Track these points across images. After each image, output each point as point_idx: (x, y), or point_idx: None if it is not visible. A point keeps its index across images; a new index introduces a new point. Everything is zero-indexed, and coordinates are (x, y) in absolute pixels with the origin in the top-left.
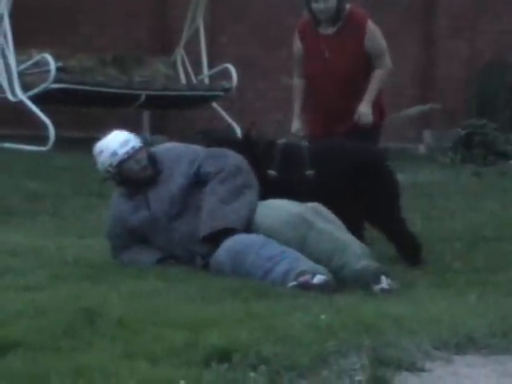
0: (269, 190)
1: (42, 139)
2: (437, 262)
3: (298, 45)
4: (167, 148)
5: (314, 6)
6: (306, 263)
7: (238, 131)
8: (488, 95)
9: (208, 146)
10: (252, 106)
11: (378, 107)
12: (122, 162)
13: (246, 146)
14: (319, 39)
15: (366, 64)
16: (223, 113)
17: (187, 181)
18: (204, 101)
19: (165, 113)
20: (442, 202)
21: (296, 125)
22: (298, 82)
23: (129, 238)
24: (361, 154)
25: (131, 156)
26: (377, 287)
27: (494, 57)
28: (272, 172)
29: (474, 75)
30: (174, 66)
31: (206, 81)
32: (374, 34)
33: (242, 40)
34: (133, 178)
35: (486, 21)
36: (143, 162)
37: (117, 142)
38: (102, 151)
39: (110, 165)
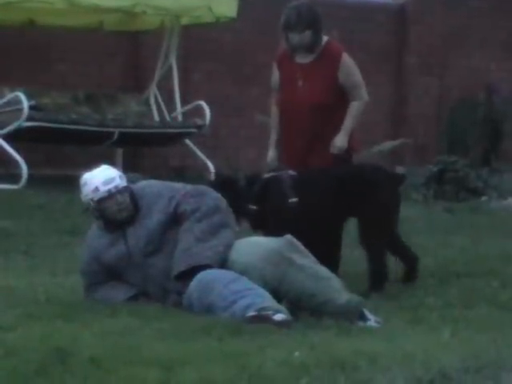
0: (254, 224)
1: (14, 177)
2: (410, 298)
3: (275, 74)
4: (147, 185)
5: (290, 36)
6: (270, 301)
7: (211, 168)
8: (459, 132)
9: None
10: (225, 143)
11: (349, 143)
12: (101, 200)
13: (225, 185)
14: (295, 68)
15: (340, 95)
16: (196, 150)
17: (165, 218)
18: (177, 138)
19: (138, 150)
20: (414, 238)
21: (271, 154)
22: (274, 111)
23: (103, 273)
24: (352, 172)
25: (112, 195)
26: (364, 324)
27: (464, 94)
28: (252, 207)
29: (445, 112)
30: (147, 103)
31: (179, 118)
32: (349, 67)
33: (215, 77)
34: (109, 216)
35: (456, 58)
36: (123, 204)
37: (101, 178)
38: (86, 183)
39: (91, 199)
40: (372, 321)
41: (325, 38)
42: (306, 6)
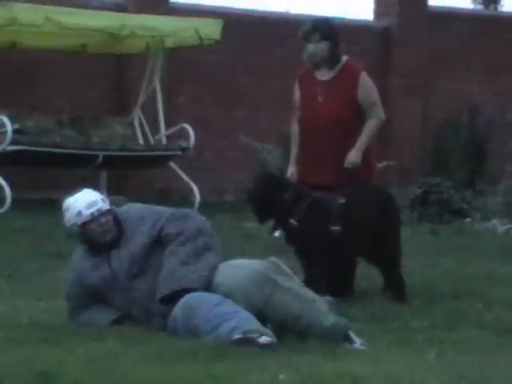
0: (288, 239)
1: None
2: (395, 320)
3: (297, 91)
4: (131, 208)
5: (308, 46)
6: (255, 324)
7: (196, 191)
8: (443, 154)
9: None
10: (210, 166)
11: (366, 162)
12: (85, 224)
13: (274, 189)
14: (316, 85)
15: (357, 113)
16: (181, 172)
17: (149, 240)
18: (162, 161)
19: (123, 173)
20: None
21: (292, 170)
22: (295, 129)
23: (87, 297)
24: (383, 201)
25: (95, 218)
26: (350, 346)
27: (448, 116)
28: (294, 222)
29: (429, 134)
30: (131, 126)
31: (164, 141)
32: (367, 85)
33: (200, 100)
34: (94, 240)
35: (440, 80)
36: (107, 226)
37: (84, 202)
38: (68, 208)
39: (75, 224)
40: (358, 343)
41: (345, 58)
42: (322, 19)
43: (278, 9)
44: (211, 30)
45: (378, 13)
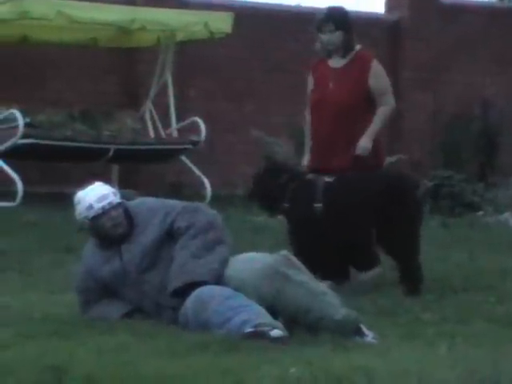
0: (288, 221)
1: (10, 195)
2: (406, 313)
3: (310, 83)
4: (142, 202)
5: (321, 36)
6: (267, 317)
7: (207, 184)
8: (454, 147)
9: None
10: (221, 159)
11: (375, 149)
12: (96, 217)
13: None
14: (328, 72)
15: (368, 101)
16: (192, 166)
17: (160, 234)
18: (173, 154)
19: (133, 166)
20: None
21: (306, 159)
22: (309, 119)
23: (98, 290)
24: (386, 179)
25: (106, 212)
26: (361, 339)
27: (459, 108)
28: (285, 205)
29: (440, 127)
30: (142, 119)
31: (175, 134)
32: (378, 73)
33: (210, 93)
34: (105, 233)
35: (451, 73)
36: (118, 220)
37: (95, 195)
38: (79, 202)
39: (86, 217)
40: (369, 337)
41: (358, 46)
42: (336, 8)
43: (290, 2)
44: (222, 23)
45: (390, 6)
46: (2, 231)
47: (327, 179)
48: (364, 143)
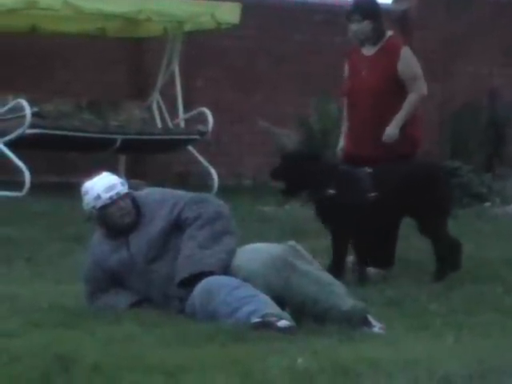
0: (325, 209)
1: (17, 184)
2: (413, 304)
3: (346, 69)
4: (150, 192)
5: (351, 26)
6: (274, 308)
7: (215, 175)
8: (462, 137)
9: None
10: (228, 150)
11: (409, 137)
12: (104, 207)
13: (309, 161)
14: (361, 59)
15: (398, 87)
16: (199, 156)
17: (168, 224)
18: (180, 145)
19: (141, 157)
20: (418, 244)
21: (341, 144)
22: (346, 102)
23: (105, 280)
24: (420, 169)
25: (114, 201)
26: (369, 330)
27: (467, 99)
28: (331, 191)
29: (448, 118)
30: (149, 110)
31: (182, 125)
32: (409, 59)
33: (218, 84)
34: (113, 223)
35: (459, 64)
36: (126, 209)
37: (102, 185)
38: (87, 192)
39: (94, 207)
40: (376, 327)
41: (389, 33)
42: None
43: None
44: (229, 14)
45: None
46: (10, 221)
47: (369, 170)
48: (390, 130)
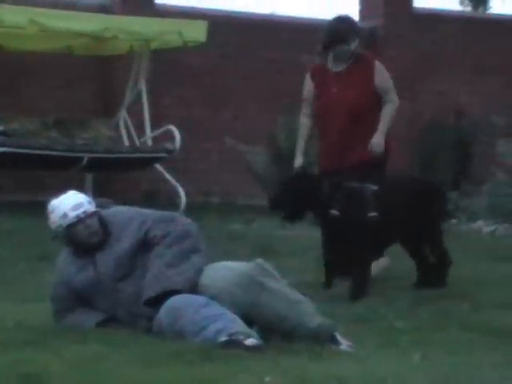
0: (329, 229)
1: None
2: (380, 321)
3: (308, 85)
4: (117, 211)
5: (344, 48)
6: (242, 326)
7: (182, 193)
8: (429, 155)
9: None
10: (196, 167)
11: (385, 146)
12: (71, 226)
13: (313, 183)
14: (328, 77)
15: (373, 99)
16: (167, 174)
17: (135, 243)
18: (147, 163)
19: (108, 175)
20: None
21: (299, 161)
22: (304, 121)
23: (72, 299)
24: (420, 185)
25: (81, 220)
26: (336, 348)
27: (434, 117)
28: (334, 212)
29: (416, 135)
30: (116, 128)
31: (149, 143)
32: (383, 72)
33: (186, 101)
34: (80, 242)
35: (426, 82)
36: (93, 228)
37: (69, 204)
38: (53, 210)
39: (60, 226)
40: (344, 345)
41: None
42: (349, 18)
43: (264, 11)
44: (196, 31)
45: (364, 14)
46: None
47: (373, 187)
48: (377, 139)
